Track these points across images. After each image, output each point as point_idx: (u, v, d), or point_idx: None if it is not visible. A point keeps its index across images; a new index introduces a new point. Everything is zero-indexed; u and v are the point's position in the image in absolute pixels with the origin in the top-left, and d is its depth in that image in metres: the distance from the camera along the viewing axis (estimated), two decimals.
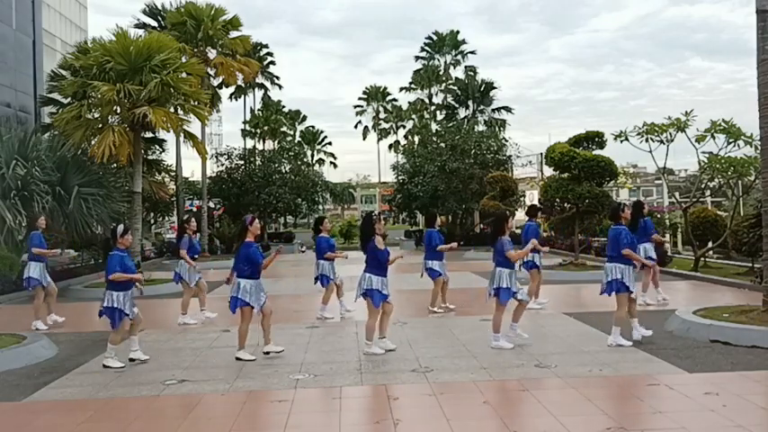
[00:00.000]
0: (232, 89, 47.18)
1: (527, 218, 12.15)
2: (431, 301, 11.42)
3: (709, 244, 18.95)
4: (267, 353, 7.99)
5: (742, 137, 15.60)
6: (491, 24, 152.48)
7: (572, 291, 14.25)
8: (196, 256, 11.35)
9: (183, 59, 19.31)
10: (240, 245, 7.98)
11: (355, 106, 74.43)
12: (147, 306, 11.13)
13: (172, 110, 17.73)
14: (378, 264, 7.98)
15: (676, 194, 27.91)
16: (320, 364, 7.59)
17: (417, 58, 51.56)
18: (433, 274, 11.19)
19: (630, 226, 8.97)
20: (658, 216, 22.74)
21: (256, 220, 8.08)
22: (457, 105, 46.76)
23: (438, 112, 50.24)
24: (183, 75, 17.86)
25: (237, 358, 7.82)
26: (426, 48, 51.14)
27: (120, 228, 7.94)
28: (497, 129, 43.35)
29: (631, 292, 8.24)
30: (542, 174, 32.40)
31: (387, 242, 8.40)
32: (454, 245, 11.73)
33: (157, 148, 26.87)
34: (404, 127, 67.87)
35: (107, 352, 7.73)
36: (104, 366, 7.63)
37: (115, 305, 7.65)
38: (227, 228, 31.23)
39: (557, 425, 5.28)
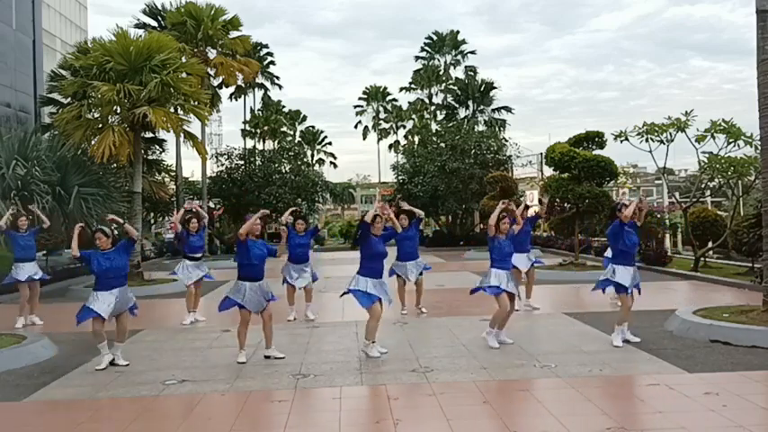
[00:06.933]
0: (232, 89, 47.02)
1: None
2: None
3: (710, 244, 18.95)
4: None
5: (742, 137, 15.60)
6: (491, 24, 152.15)
7: (572, 291, 14.25)
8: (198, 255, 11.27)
9: (183, 59, 19.27)
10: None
11: (355, 106, 74.25)
12: (147, 306, 11.13)
13: (172, 110, 17.71)
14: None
15: (676, 194, 27.86)
16: (320, 364, 7.59)
17: (417, 58, 51.50)
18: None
19: None
20: (658, 216, 22.67)
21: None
22: (457, 105, 46.74)
23: (438, 112, 50.13)
24: (183, 75, 17.83)
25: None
26: (426, 48, 51.09)
27: None
28: (497, 129, 43.32)
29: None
30: (542, 174, 32.39)
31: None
32: None
33: (157, 148, 26.88)
34: (404, 127, 67.70)
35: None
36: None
37: None
38: (227, 228, 31.18)
39: (557, 425, 5.28)
